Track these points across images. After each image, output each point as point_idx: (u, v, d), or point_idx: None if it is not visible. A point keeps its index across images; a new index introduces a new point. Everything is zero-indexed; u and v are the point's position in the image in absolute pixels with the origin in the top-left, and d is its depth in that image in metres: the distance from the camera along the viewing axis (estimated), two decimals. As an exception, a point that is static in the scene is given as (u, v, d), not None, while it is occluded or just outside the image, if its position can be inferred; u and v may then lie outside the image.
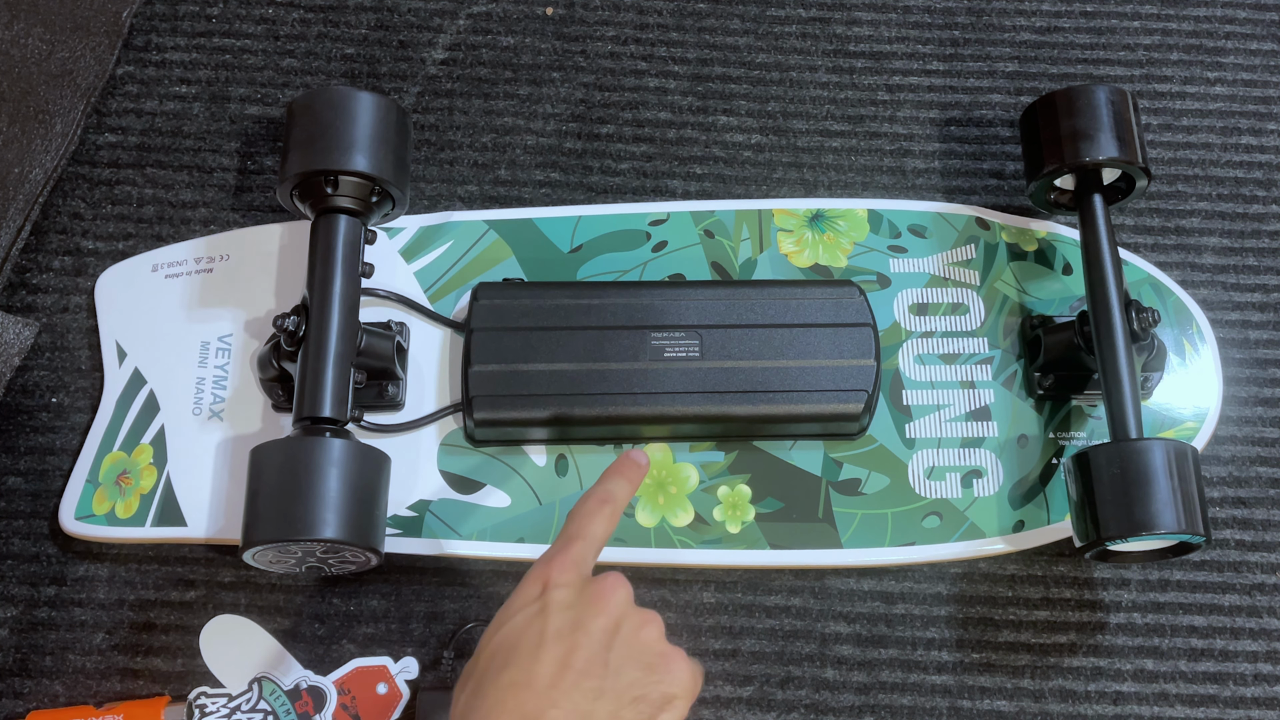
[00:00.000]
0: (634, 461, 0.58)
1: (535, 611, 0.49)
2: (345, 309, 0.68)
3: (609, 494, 0.55)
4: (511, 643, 0.48)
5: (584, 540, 0.53)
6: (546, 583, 0.51)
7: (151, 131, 0.82)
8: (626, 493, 0.56)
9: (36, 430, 0.74)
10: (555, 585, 0.50)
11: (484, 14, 0.86)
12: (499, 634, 0.49)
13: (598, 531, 0.54)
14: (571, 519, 0.54)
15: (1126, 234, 0.81)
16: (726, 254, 0.78)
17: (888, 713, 0.69)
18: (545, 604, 0.49)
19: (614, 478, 0.57)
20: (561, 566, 0.51)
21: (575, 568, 0.51)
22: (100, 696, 0.69)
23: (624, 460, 0.58)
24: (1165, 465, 0.64)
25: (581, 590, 0.50)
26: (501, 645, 0.48)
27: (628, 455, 0.58)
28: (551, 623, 0.48)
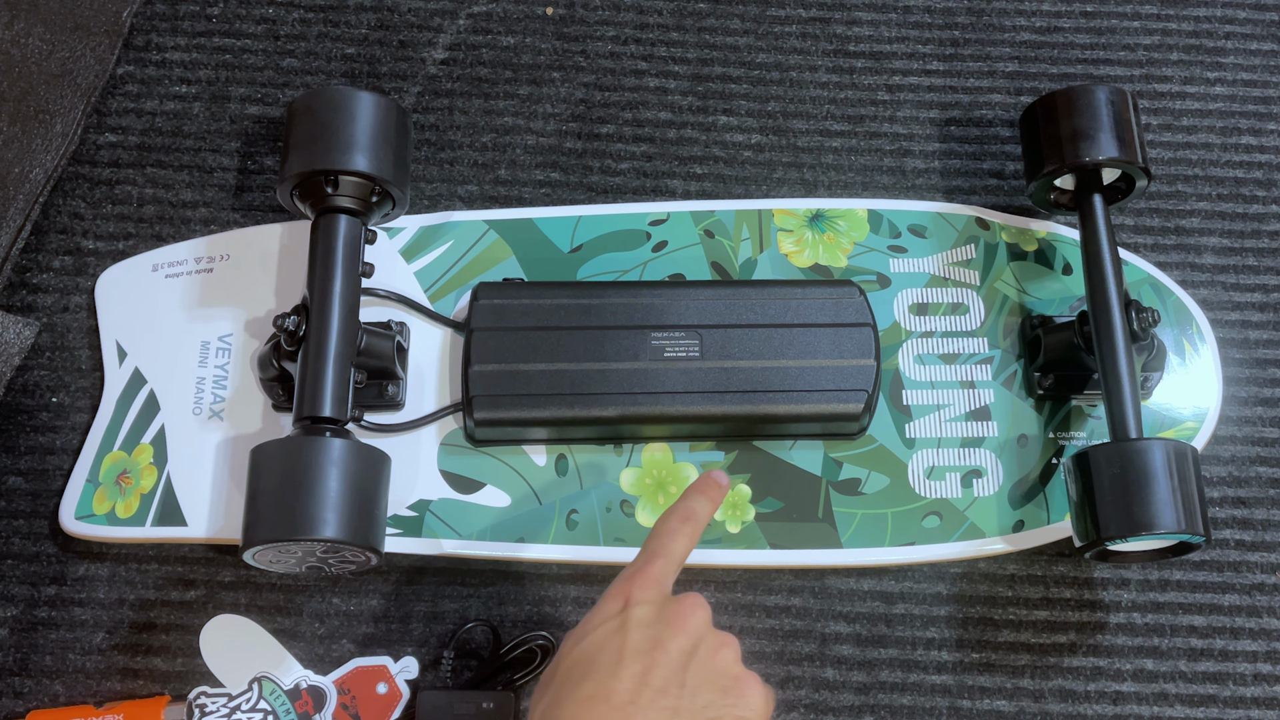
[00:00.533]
0: (715, 481, 0.58)
1: (615, 627, 0.50)
2: (345, 309, 0.68)
3: (691, 511, 0.56)
4: (590, 656, 0.49)
5: (665, 558, 0.53)
6: (628, 599, 0.51)
7: (151, 131, 0.82)
8: (708, 511, 0.56)
9: (36, 430, 0.74)
10: (636, 603, 0.51)
11: (484, 14, 0.86)
12: (579, 647, 0.50)
13: (679, 549, 0.54)
14: (654, 536, 0.55)
15: (1126, 234, 0.81)
16: (726, 254, 0.78)
17: (888, 713, 0.69)
18: (625, 620, 0.50)
19: (695, 495, 0.57)
20: (643, 584, 0.52)
21: (656, 585, 0.52)
22: (100, 696, 0.69)
23: (706, 479, 0.58)
24: (1165, 465, 0.64)
25: (662, 609, 0.51)
26: (581, 658, 0.49)
27: (709, 475, 0.58)
28: (631, 639, 0.49)
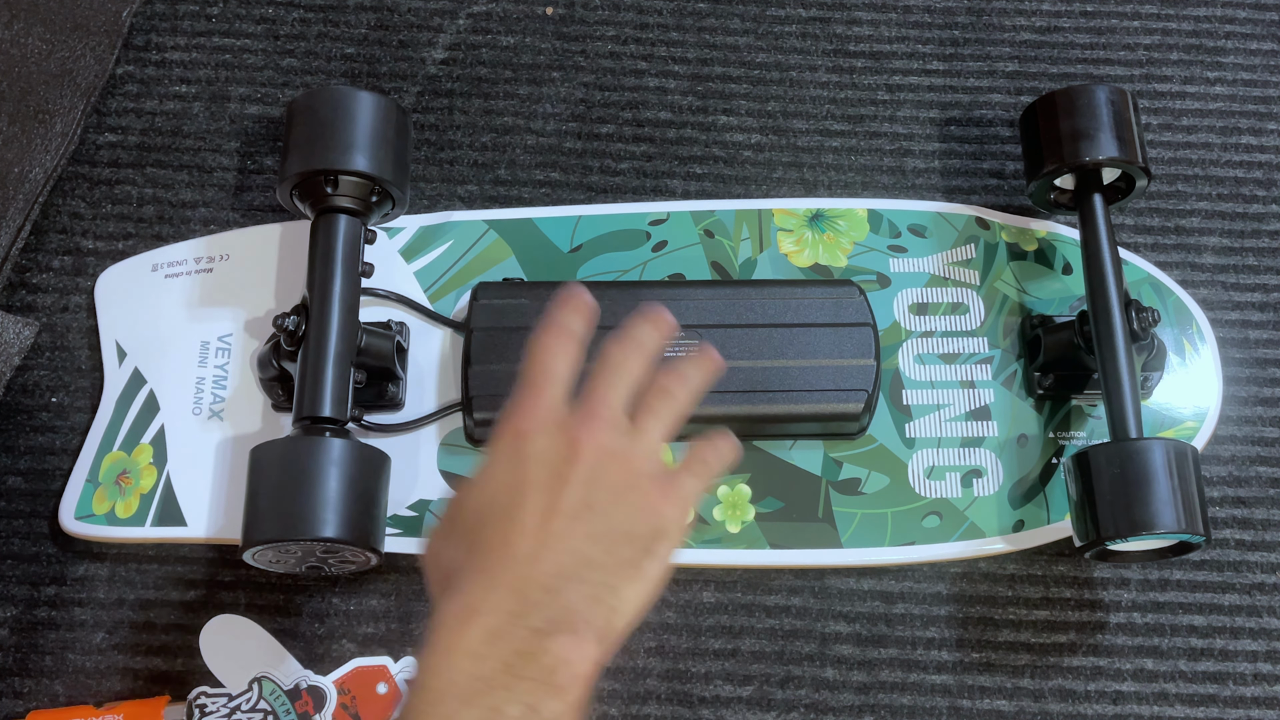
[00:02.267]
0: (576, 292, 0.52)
1: (512, 465, 0.47)
2: (345, 309, 0.68)
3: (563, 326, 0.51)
4: (488, 501, 0.46)
5: (549, 381, 0.49)
6: (518, 433, 0.47)
7: (151, 131, 0.82)
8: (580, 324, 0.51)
9: (36, 430, 0.74)
10: (527, 434, 0.47)
11: (484, 14, 0.86)
12: (474, 494, 0.47)
13: (560, 369, 0.50)
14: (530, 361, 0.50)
15: (1126, 234, 0.81)
16: (726, 254, 0.78)
17: (888, 712, 0.69)
18: (519, 455, 0.47)
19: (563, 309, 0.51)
20: (530, 414, 0.48)
21: (545, 412, 0.48)
22: (100, 696, 0.69)
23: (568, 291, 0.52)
24: (1165, 465, 0.64)
25: (555, 435, 0.47)
26: (483, 502, 0.46)
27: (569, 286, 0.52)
28: (531, 473, 0.46)
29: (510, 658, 0.42)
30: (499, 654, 0.42)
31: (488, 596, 0.43)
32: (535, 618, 0.43)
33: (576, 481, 0.46)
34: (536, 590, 0.44)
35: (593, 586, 0.45)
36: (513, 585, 0.44)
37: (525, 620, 0.43)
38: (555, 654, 0.42)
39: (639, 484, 0.47)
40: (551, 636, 0.43)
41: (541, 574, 0.44)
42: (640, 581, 0.46)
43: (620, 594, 0.45)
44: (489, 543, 0.45)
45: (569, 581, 0.44)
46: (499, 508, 0.46)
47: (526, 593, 0.43)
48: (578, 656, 0.43)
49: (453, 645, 0.43)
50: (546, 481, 0.46)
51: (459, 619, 0.43)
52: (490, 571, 0.44)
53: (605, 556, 0.45)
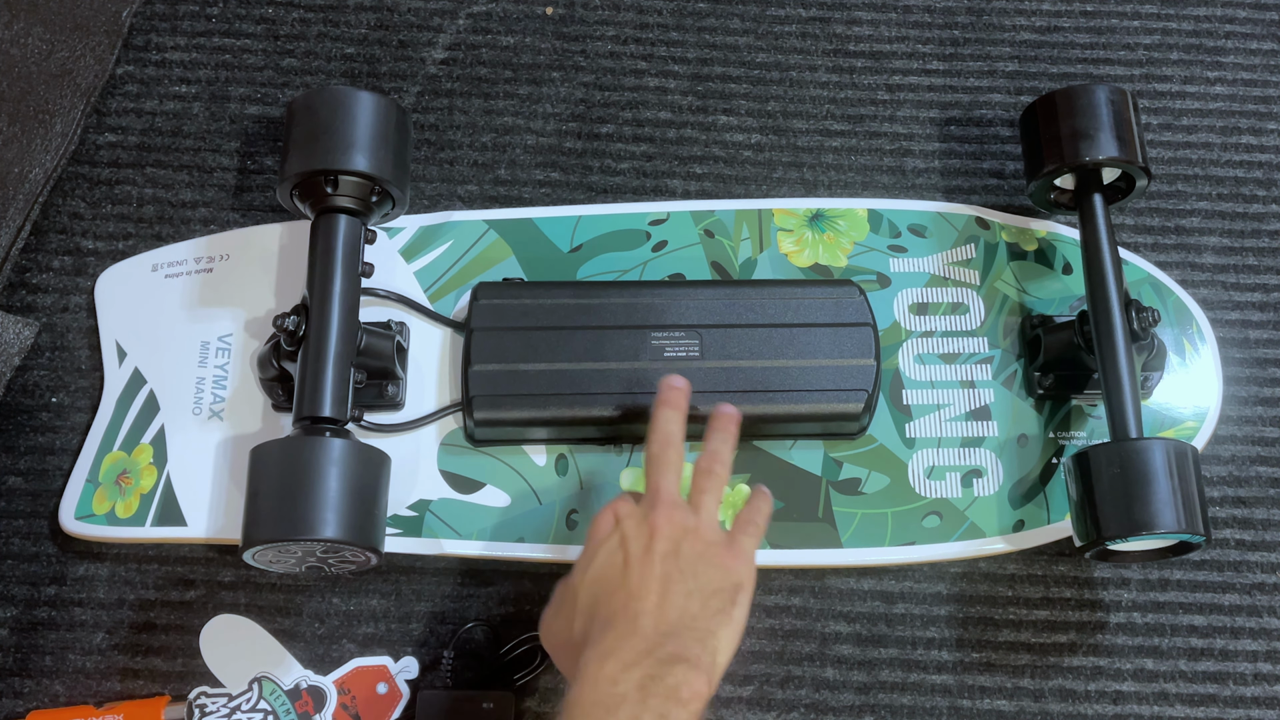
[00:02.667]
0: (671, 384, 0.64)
1: (608, 552, 0.58)
2: (345, 309, 0.68)
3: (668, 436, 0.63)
4: (600, 576, 0.58)
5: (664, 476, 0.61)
6: (616, 517, 0.60)
7: (151, 131, 0.82)
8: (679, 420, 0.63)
9: (36, 430, 0.74)
10: (623, 518, 0.59)
11: (484, 14, 0.86)
12: (587, 576, 0.58)
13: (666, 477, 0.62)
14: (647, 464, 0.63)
15: (1126, 234, 0.81)
16: (726, 254, 0.78)
17: (888, 712, 0.69)
18: (621, 537, 0.58)
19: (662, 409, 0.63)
20: (613, 509, 0.60)
21: (625, 506, 0.60)
22: (100, 696, 0.69)
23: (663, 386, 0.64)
24: (1165, 465, 0.64)
25: (641, 523, 0.59)
26: (593, 581, 0.58)
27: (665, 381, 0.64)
28: (626, 554, 0.57)
29: (643, 681, 0.52)
30: (633, 679, 0.52)
31: (620, 643, 0.54)
32: (659, 654, 0.53)
33: (662, 556, 0.57)
34: (656, 636, 0.54)
35: (698, 632, 0.55)
36: (638, 633, 0.54)
37: (652, 655, 0.53)
38: (678, 677, 0.53)
39: (711, 550, 0.58)
40: (673, 666, 0.53)
41: (656, 626, 0.55)
42: (731, 625, 0.57)
43: (718, 636, 0.56)
44: (610, 610, 0.56)
45: (678, 629, 0.55)
46: (609, 583, 0.57)
47: (649, 638, 0.54)
48: (695, 679, 0.53)
49: (598, 675, 0.53)
50: (639, 560, 0.57)
51: (599, 658, 0.54)
52: (617, 627, 0.55)
53: (701, 609, 0.56)
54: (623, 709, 0.51)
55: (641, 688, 0.52)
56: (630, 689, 0.52)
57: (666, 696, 0.52)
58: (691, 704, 0.52)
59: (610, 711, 0.51)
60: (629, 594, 0.56)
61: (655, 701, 0.52)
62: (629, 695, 0.52)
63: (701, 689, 0.53)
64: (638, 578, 0.56)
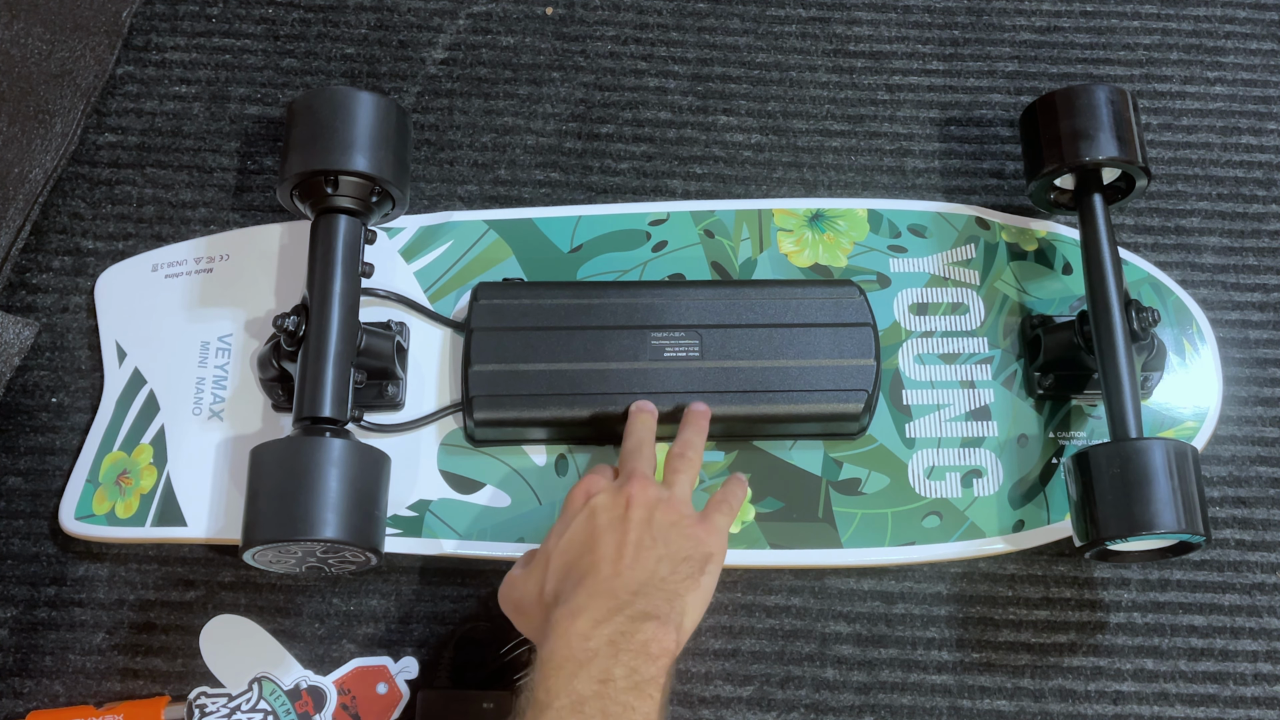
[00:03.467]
0: (643, 406, 0.69)
1: (585, 518, 0.60)
2: (345, 309, 0.68)
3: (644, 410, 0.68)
4: (573, 541, 0.60)
5: (600, 468, 0.64)
6: (588, 493, 0.62)
7: (151, 131, 0.82)
8: (652, 411, 0.68)
9: (36, 430, 0.74)
10: (594, 494, 0.61)
11: (484, 14, 0.86)
12: (560, 543, 0.60)
13: (628, 445, 0.66)
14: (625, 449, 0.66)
15: (1126, 234, 0.81)
16: (726, 254, 0.78)
17: (888, 712, 0.69)
18: (591, 510, 0.60)
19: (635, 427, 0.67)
20: (590, 484, 0.62)
21: (601, 481, 0.62)
22: (100, 696, 0.69)
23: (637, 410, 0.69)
24: (1165, 465, 0.64)
25: (616, 493, 0.61)
26: (567, 546, 0.60)
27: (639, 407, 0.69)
28: (599, 521, 0.60)
29: (613, 636, 0.54)
30: (604, 634, 0.54)
31: (590, 601, 0.56)
32: (628, 611, 0.55)
33: (636, 522, 0.59)
34: (625, 594, 0.56)
35: (665, 593, 0.57)
36: (607, 592, 0.56)
37: (621, 612, 0.55)
38: (647, 633, 0.55)
39: (683, 522, 0.60)
40: (642, 622, 0.55)
41: (626, 585, 0.57)
42: (698, 592, 0.58)
43: (685, 600, 0.57)
44: (581, 570, 0.58)
45: (647, 589, 0.57)
46: (582, 547, 0.59)
47: (618, 596, 0.56)
48: (663, 635, 0.55)
49: (569, 630, 0.55)
50: (612, 524, 0.59)
51: (571, 615, 0.55)
52: (587, 586, 0.57)
53: (671, 573, 0.58)
54: (595, 663, 0.53)
55: (612, 643, 0.54)
56: (601, 644, 0.54)
57: (637, 651, 0.54)
58: (660, 659, 0.54)
59: (583, 665, 0.53)
60: (601, 555, 0.58)
61: (626, 656, 0.54)
62: (600, 650, 0.54)
63: (669, 645, 0.55)
64: (611, 541, 0.59)
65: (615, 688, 0.53)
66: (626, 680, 0.53)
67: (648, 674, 0.54)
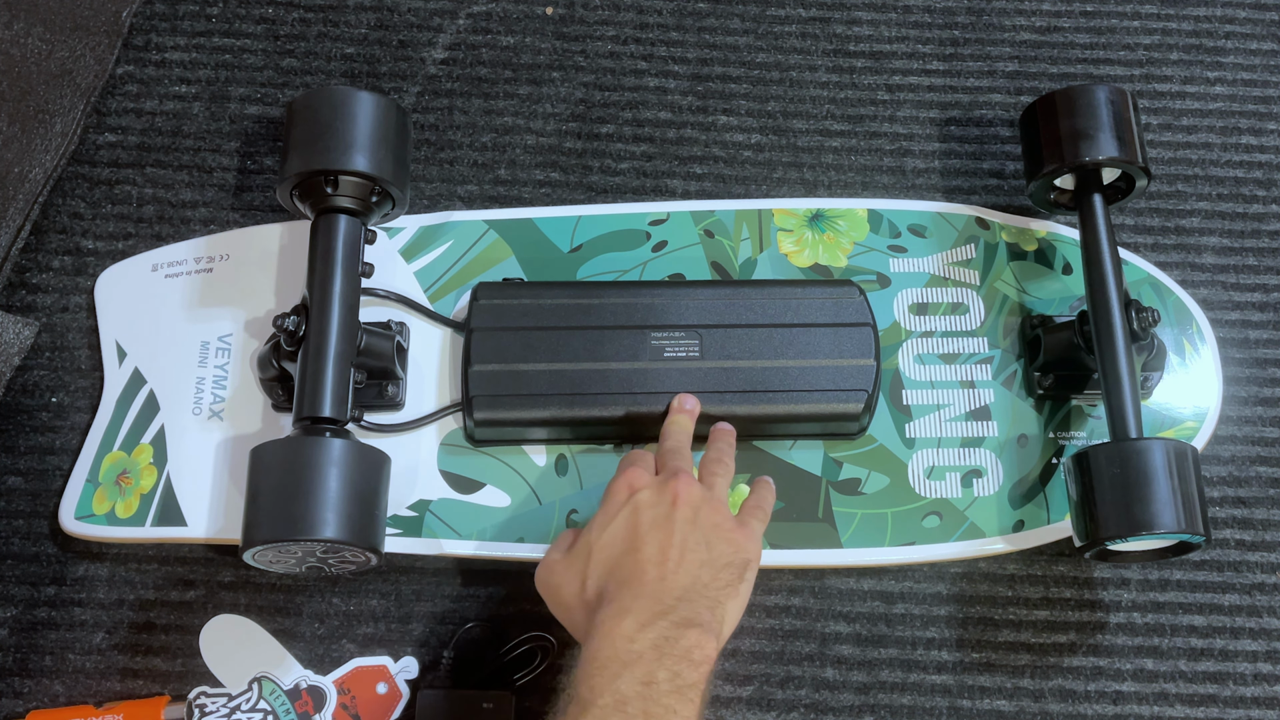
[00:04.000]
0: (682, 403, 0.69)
1: (628, 514, 0.60)
2: (345, 309, 0.68)
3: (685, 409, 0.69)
4: (615, 538, 0.60)
5: (641, 457, 0.64)
6: (631, 488, 0.62)
7: (151, 131, 0.82)
8: (695, 407, 0.69)
9: (36, 430, 0.74)
10: (638, 489, 0.61)
11: (484, 14, 0.86)
12: (605, 536, 0.60)
13: (648, 455, 0.66)
14: (626, 457, 0.66)
15: (1126, 234, 0.81)
16: (726, 254, 0.78)
17: (888, 712, 0.69)
18: (635, 506, 0.61)
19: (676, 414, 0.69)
20: (638, 475, 0.62)
21: (644, 475, 0.63)
22: (100, 696, 0.69)
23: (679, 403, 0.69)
24: (1165, 465, 0.64)
25: (660, 490, 0.61)
26: (609, 542, 0.60)
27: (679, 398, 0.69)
28: (644, 520, 0.60)
29: (657, 640, 0.55)
30: (648, 637, 0.55)
31: (635, 603, 0.57)
32: (674, 616, 0.56)
33: (680, 523, 0.60)
34: (670, 599, 0.57)
35: (708, 600, 0.58)
36: (652, 596, 0.57)
37: (666, 617, 0.56)
38: (690, 640, 0.55)
39: (726, 523, 0.61)
40: (686, 629, 0.56)
41: (671, 590, 0.57)
42: (738, 599, 0.59)
43: (725, 607, 0.58)
44: (625, 571, 0.58)
45: (691, 595, 0.57)
46: (626, 544, 0.59)
47: (663, 601, 0.57)
48: (705, 643, 0.56)
49: (613, 631, 0.55)
50: (657, 523, 0.60)
51: (616, 615, 0.56)
52: (632, 588, 0.57)
53: (713, 579, 0.59)
54: (639, 665, 0.54)
55: (656, 647, 0.55)
56: (646, 648, 0.54)
57: (680, 657, 0.54)
58: (702, 666, 0.55)
59: (627, 666, 0.54)
60: (646, 557, 0.58)
61: (669, 660, 0.54)
62: (645, 654, 0.54)
63: (710, 652, 0.56)
64: (655, 542, 0.59)
65: (658, 690, 0.53)
66: (669, 684, 0.54)
67: (690, 679, 0.54)
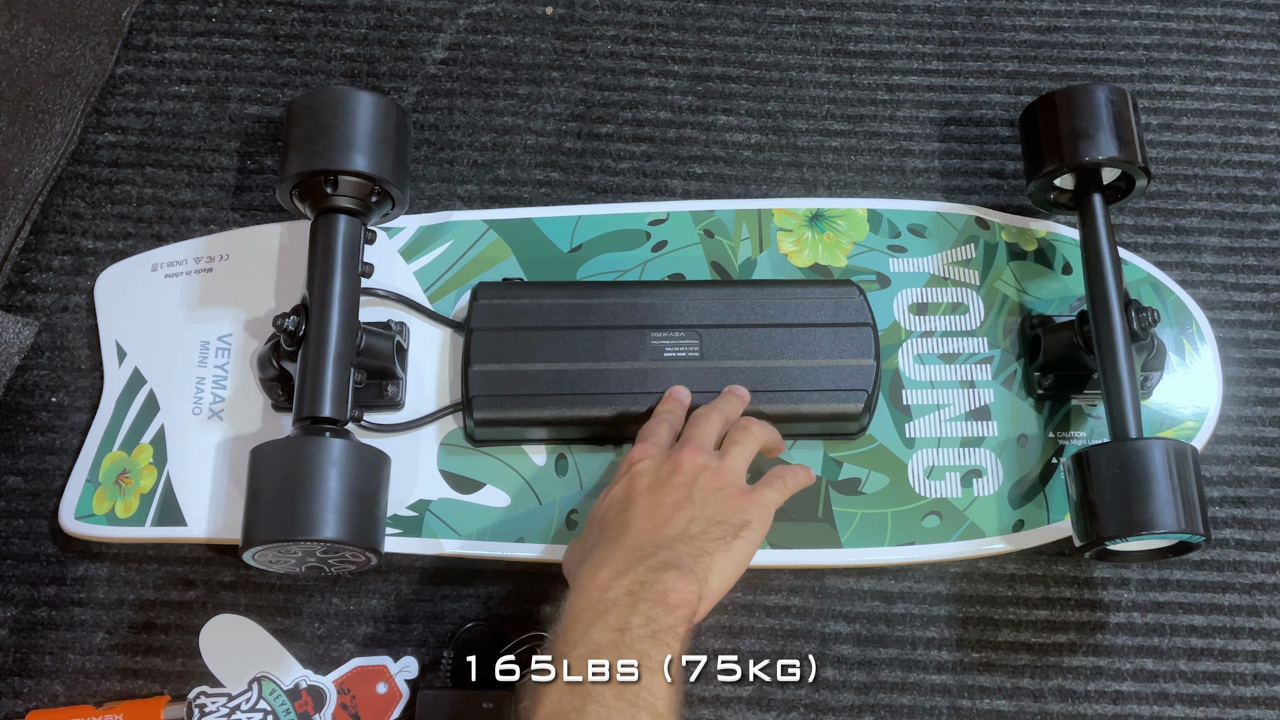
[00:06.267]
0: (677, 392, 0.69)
1: (624, 483, 0.62)
2: (345, 309, 0.68)
3: (673, 397, 0.68)
4: (613, 500, 0.61)
5: (658, 430, 0.65)
6: (632, 460, 0.63)
7: (151, 131, 0.82)
8: (686, 396, 0.68)
9: (36, 430, 0.74)
10: (637, 461, 0.62)
11: (484, 13, 0.86)
12: (600, 507, 0.62)
13: (666, 427, 0.65)
14: (647, 423, 0.67)
15: (1126, 234, 0.81)
16: (726, 254, 0.78)
17: (888, 712, 0.69)
18: (630, 475, 0.62)
19: (671, 397, 0.68)
20: (640, 451, 0.63)
21: (652, 447, 0.63)
22: (100, 696, 0.69)
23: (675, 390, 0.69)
24: (1165, 465, 0.64)
25: (660, 461, 0.62)
26: (606, 505, 0.61)
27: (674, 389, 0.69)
28: (637, 485, 0.61)
29: (633, 586, 0.55)
30: (623, 584, 0.55)
31: (613, 552, 0.57)
32: (651, 561, 0.56)
33: (677, 484, 0.60)
34: (650, 546, 0.57)
35: (693, 549, 0.57)
36: (631, 544, 0.57)
37: (643, 562, 0.56)
38: (667, 583, 0.55)
39: (726, 489, 0.61)
40: (664, 571, 0.55)
41: (653, 538, 0.57)
42: (729, 554, 0.58)
43: (714, 559, 0.57)
44: (613, 526, 0.59)
45: (673, 543, 0.57)
46: (618, 504, 0.61)
47: (642, 547, 0.57)
48: (684, 585, 0.55)
49: (589, 582, 0.55)
50: (653, 486, 0.60)
51: (593, 567, 0.56)
52: (613, 539, 0.58)
53: (702, 533, 0.58)
54: (612, 613, 0.54)
55: (630, 593, 0.54)
56: (620, 594, 0.54)
57: (655, 601, 0.54)
58: (679, 609, 0.54)
59: (600, 615, 0.54)
60: (634, 513, 0.59)
61: (644, 605, 0.54)
62: (619, 600, 0.54)
63: (690, 595, 0.55)
64: (646, 501, 0.60)
65: (632, 636, 0.53)
66: (644, 629, 0.53)
67: (665, 623, 0.54)
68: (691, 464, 0.61)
